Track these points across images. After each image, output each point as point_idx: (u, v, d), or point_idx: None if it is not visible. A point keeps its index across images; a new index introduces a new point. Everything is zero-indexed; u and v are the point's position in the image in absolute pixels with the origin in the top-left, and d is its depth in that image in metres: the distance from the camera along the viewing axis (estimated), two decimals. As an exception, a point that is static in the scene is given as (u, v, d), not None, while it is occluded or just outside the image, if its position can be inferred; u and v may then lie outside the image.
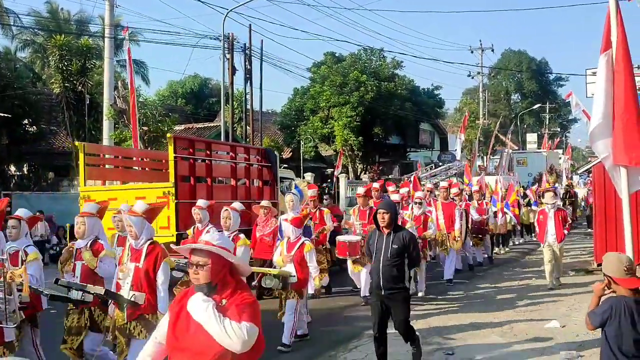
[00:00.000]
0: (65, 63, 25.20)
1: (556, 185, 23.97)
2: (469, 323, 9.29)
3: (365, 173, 36.63)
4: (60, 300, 5.86)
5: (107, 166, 13.68)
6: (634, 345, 4.31)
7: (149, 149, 20.70)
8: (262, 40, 32.70)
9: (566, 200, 23.64)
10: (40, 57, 34.95)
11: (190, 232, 9.70)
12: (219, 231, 7.52)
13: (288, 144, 36.95)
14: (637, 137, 5.05)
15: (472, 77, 53.76)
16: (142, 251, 5.65)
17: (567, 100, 29.98)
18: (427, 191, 14.31)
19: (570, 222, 12.58)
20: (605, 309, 4.37)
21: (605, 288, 4.49)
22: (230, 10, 23.04)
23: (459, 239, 13.08)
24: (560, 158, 46.84)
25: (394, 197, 12.07)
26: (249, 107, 28.95)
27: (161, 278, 5.61)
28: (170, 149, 11.20)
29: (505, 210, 17.75)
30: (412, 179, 17.81)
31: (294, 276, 7.83)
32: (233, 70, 25.71)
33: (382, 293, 6.81)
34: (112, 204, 8.78)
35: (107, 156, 13.90)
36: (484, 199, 16.75)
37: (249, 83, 27.73)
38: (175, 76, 75.89)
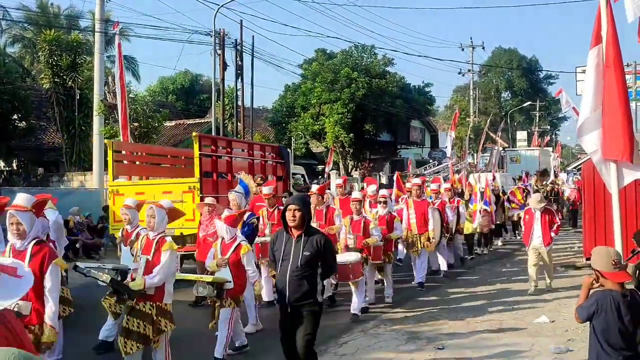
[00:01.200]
0: (55, 58, 25.06)
1: (528, 184, 22.57)
2: (459, 318, 9.34)
3: (356, 170, 36.68)
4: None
5: (125, 162, 14.01)
6: (620, 338, 4.35)
7: (140, 144, 20.67)
8: (253, 36, 32.64)
9: (551, 199, 23.25)
10: (30, 53, 34.71)
11: (118, 234, 9.22)
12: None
13: (279, 141, 36.94)
14: (627, 132, 5.08)
15: (463, 75, 53.82)
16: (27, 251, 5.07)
17: (557, 98, 30.11)
18: (413, 188, 12.88)
19: (559, 223, 11.68)
20: (591, 303, 4.42)
21: (594, 282, 4.54)
22: (222, 6, 23.01)
23: (433, 239, 12.04)
24: (550, 156, 47.05)
25: (356, 195, 10.50)
26: (240, 103, 28.91)
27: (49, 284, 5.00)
28: (196, 147, 11.93)
29: (484, 207, 16.09)
30: (394, 177, 16.34)
31: (230, 282, 7.01)
32: (224, 66, 25.66)
33: (289, 309, 5.76)
34: (139, 198, 9.51)
35: (132, 153, 14.71)
36: (456, 197, 15.33)
37: (240, 79, 27.70)
38: (166, 72, 75.75)
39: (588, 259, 4.95)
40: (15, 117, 27.27)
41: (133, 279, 6.07)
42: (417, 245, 11.99)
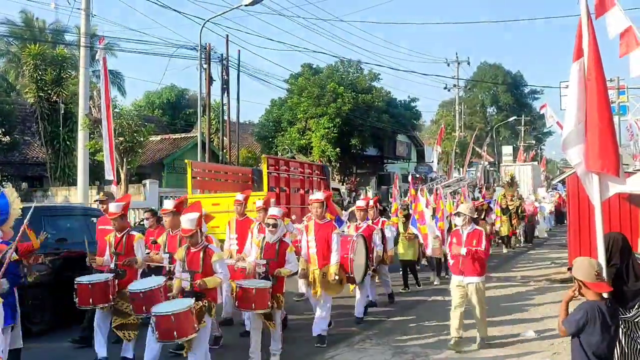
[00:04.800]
0: (40, 73, 24.97)
1: (491, 199, 21.98)
2: (445, 333, 9.30)
3: (342, 184, 36.66)
4: None
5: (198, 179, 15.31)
6: (607, 349, 4.36)
7: (125, 159, 20.54)
8: (239, 51, 32.72)
9: (513, 215, 21.90)
10: (15, 67, 34.55)
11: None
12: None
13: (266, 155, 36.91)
14: (609, 144, 5.10)
15: (449, 90, 54.25)
16: None
17: (541, 113, 30.32)
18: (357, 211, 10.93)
19: (484, 250, 8.34)
20: (581, 315, 4.41)
21: (575, 293, 4.56)
22: (207, 21, 23.02)
23: (333, 278, 8.61)
24: (540, 170, 47.38)
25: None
26: (226, 117, 28.88)
27: None
28: (264, 166, 14.12)
29: (434, 228, 13.57)
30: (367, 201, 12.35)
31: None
32: (210, 80, 25.62)
33: None
34: (214, 209, 11.69)
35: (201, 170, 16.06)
36: (380, 217, 12.09)
37: (226, 94, 27.66)
38: (152, 87, 75.64)
39: (570, 268, 4.93)
40: (-1, 131, 27.06)
41: None
42: (316, 285, 8.79)
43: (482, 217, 18.61)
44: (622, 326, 4.77)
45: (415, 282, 13.77)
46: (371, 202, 11.71)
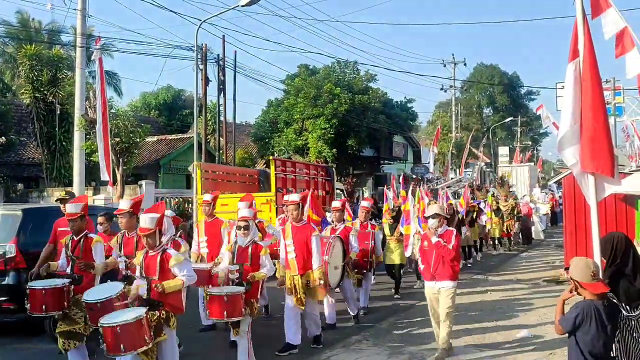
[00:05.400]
0: (36, 73, 24.88)
1: (481, 200, 21.49)
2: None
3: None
4: None
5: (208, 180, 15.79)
6: (603, 348, 4.39)
7: (121, 160, 20.51)
8: (235, 52, 32.79)
9: (509, 217, 21.60)
10: (11, 68, 34.46)
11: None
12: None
13: (262, 156, 36.84)
14: (604, 145, 5.12)
15: (445, 91, 54.25)
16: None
17: (537, 114, 30.37)
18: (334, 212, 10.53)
19: (454, 254, 7.85)
20: (577, 314, 4.46)
21: (572, 291, 4.59)
22: (204, 21, 22.89)
23: (318, 283, 8.24)
24: (537, 171, 47.53)
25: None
26: (222, 118, 28.84)
27: None
28: (272, 168, 14.79)
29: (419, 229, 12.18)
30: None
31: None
32: (206, 81, 25.58)
33: None
34: (224, 209, 12.20)
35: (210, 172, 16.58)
36: (370, 220, 11.49)
37: (222, 94, 27.63)
38: (148, 87, 75.56)
39: (567, 268, 4.87)
40: (-6, 132, 26.97)
41: None
42: (299, 292, 8.30)
43: (474, 218, 18.54)
44: (626, 325, 4.80)
45: (395, 288, 12.83)
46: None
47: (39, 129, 25.34)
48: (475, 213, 18.74)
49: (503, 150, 61.34)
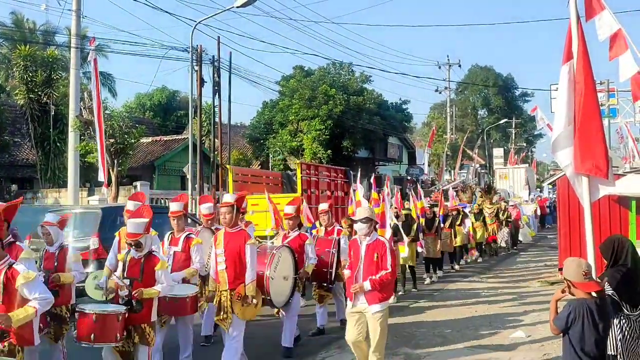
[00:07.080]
0: (30, 74, 24.86)
1: (466, 204, 21.17)
2: (436, 333, 9.33)
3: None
4: None
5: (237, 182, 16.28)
6: (594, 345, 4.47)
7: (116, 161, 20.48)
8: (230, 53, 32.70)
9: (494, 220, 20.85)
10: (5, 68, 34.37)
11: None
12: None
13: (257, 157, 36.87)
14: (598, 147, 5.15)
15: (440, 92, 54.38)
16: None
17: (532, 115, 30.46)
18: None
19: (389, 270, 6.60)
20: (568, 312, 4.56)
21: (565, 291, 4.66)
22: (199, 22, 22.92)
23: (247, 302, 6.88)
24: (533, 172, 47.67)
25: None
26: (217, 119, 28.83)
27: None
28: (298, 171, 15.92)
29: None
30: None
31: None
32: (201, 82, 25.55)
33: None
34: (255, 209, 13.48)
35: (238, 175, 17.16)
36: (335, 225, 10.17)
37: (217, 95, 27.60)
38: (143, 88, 75.42)
39: (561, 269, 4.85)
40: (-12, 133, 26.92)
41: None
42: (226, 310, 6.84)
43: (458, 223, 17.82)
44: (626, 324, 4.90)
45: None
46: (325, 207, 10.08)
47: (33, 129, 25.31)
48: (460, 217, 18.06)
49: (498, 152, 61.44)
